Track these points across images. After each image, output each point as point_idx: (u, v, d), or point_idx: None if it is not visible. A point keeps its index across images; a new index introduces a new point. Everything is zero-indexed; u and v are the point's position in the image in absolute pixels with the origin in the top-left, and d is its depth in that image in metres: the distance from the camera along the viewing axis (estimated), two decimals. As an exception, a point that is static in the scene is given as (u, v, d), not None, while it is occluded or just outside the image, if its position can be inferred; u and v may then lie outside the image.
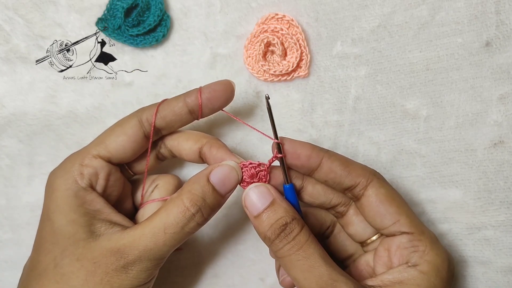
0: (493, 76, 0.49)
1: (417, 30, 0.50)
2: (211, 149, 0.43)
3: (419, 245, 0.40)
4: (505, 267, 0.50)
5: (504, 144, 0.49)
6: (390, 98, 0.50)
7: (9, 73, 0.50)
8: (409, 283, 0.39)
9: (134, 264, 0.38)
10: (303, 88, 0.51)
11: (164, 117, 0.43)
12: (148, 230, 0.39)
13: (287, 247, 0.38)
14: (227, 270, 0.52)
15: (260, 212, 0.39)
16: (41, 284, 0.39)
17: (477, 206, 0.50)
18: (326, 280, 0.37)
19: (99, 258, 0.39)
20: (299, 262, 0.38)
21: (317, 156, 0.41)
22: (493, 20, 0.49)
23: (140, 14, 0.49)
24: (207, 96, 0.43)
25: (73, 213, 0.40)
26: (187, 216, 0.39)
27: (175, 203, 0.39)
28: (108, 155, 0.42)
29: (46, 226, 0.41)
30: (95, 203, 0.41)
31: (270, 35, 0.49)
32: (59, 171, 0.42)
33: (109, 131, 0.43)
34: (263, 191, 0.40)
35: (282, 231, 0.39)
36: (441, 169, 0.50)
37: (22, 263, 0.52)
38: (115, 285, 0.38)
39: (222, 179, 0.40)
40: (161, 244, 0.39)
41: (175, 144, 0.45)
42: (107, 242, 0.39)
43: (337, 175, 0.41)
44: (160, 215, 0.39)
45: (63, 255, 0.39)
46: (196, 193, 0.39)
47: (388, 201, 0.41)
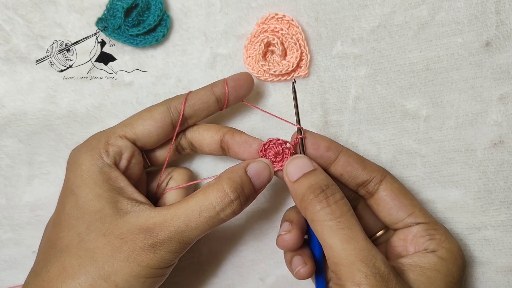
0: (493, 76, 0.49)
1: (417, 30, 0.50)
2: (234, 136, 0.44)
3: (436, 234, 0.42)
4: (505, 267, 0.50)
5: (504, 144, 0.49)
6: (390, 98, 0.50)
7: (9, 73, 0.50)
8: (430, 268, 0.39)
9: (163, 244, 0.38)
10: (303, 88, 0.51)
11: (192, 105, 0.45)
12: (182, 211, 0.39)
13: (327, 211, 0.38)
14: (227, 270, 0.52)
15: (300, 177, 0.40)
16: (62, 261, 0.38)
17: (477, 206, 0.50)
18: (367, 255, 0.36)
19: (126, 235, 0.38)
20: (341, 231, 0.37)
21: (335, 148, 0.43)
22: (493, 20, 0.49)
23: (140, 14, 0.49)
24: (232, 85, 0.45)
25: (98, 188, 0.40)
26: (226, 202, 0.39)
27: (214, 188, 0.39)
28: (133, 137, 0.43)
29: (70, 201, 0.40)
30: (119, 180, 0.41)
31: (270, 35, 0.49)
32: (84, 147, 0.42)
33: (137, 116, 0.44)
34: (305, 161, 0.41)
35: (323, 191, 0.39)
36: (441, 169, 0.50)
37: (22, 262, 0.52)
38: (142, 264, 0.38)
39: (258, 173, 0.41)
40: (193, 227, 0.38)
41: (196, 135, 0.46)
42: (136, 219, 0.39)
43: (353, 169, 0.43)
44: (197, 198, 0.39)
45: (89, 230, 0.39)
46: (235, 180, 0.40)
47: (402, 194, 0.43)
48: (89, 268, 0.37)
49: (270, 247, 0.52)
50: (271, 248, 0.52)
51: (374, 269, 0.36)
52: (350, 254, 0.36)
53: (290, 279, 0.50)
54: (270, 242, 0.52)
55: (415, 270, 0.39)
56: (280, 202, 0.52)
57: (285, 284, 0.52)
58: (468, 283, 0.50)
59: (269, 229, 0.52)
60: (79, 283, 0.37)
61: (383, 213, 0.43)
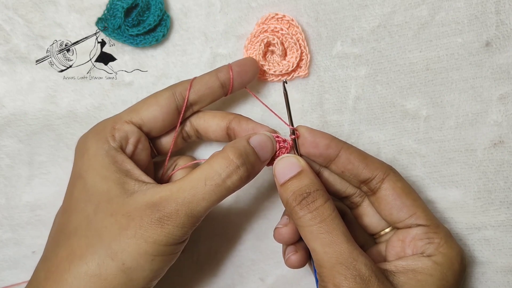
0: (493, 76, 0.49)
1: (417, 30, 0.50)
2: (241, 122, 0.44)
3: (435, 238, 0.41)
4: (505, 267, 0.50)
5: (504, 144, 0.49)
6: (390, 98, 0.50)
7: (9, 73, 0.50)
8: (423, 272, 0.39)
9: (170, 217, 0.37)
10: (303, 88, 0.51)
11: (197, 91, 0.45)
12: (187, 183, 0.38)
13: (309, 217, 0.38)
14: (227, 270, 0.52)
15: (286, 180, 0.40)
16: (70, 243, 0.38)
17: (477, 206, 0.50)
18: (347, 258, 0.37)
19: (133, 212, 0.38)
20: (321, 235, 0.38)
21: (335, 146, 0.42)
22: (493, 20, 0.49)
23: (140, 14, 0.49)
24: (237, 70, 0.46)
25: (105, 170, 0.40)
26: (232, 168, 0.39)
27: (219, 156, 0.39)
28: (139, 122, 0.43)
29: (78, 185, 0.41)
30: (126, 163, 0.41)
31: (270, 35, 0.49)
32: (91, 133, 0.43)
33: (143, 101, 0.44)
34: (293, 162, 0.41)
35: (304, 198, 0.39)
36: (441, 169, 0.50)
37: (22, 262, 0.52)
38: (149, 240, 0.37)
39: (261, 143, 0.41)
40: (200, 198, 0.38)
41: (202, 122, 0.46)
42: (143, 197, 0.38)
43: (354, 167, 0.42)
44: (202, 168, 0.39)
45: (97, 211, 0.38)
46: (240, 148, 0.40)
47: (405, 194, 0.42)
48: (96, 247, 0.37)
49: (270, 247, 0.52)
50: (271, 248, 0.52)
51: (354, 271, 0.36)
52: (331, 257, 0.37)
53: (290, 279, 0.50)
54: (270, 242, 0.52)
55: (407, 273, 0.39)
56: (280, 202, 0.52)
57: (285, 284, 0.52)
58: (468, 283, 0.50)
59: (269, 229, 0.52)
60: (86, 263, 0.37)
61: (384, 212, 0.43)
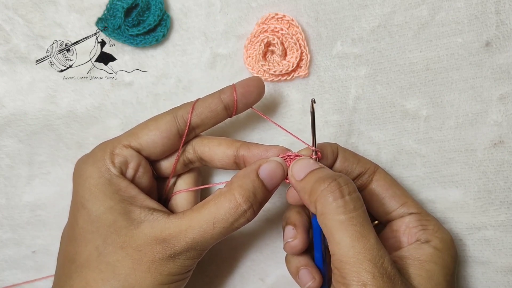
0: (493, 76, 0.49)
1: (417, 30, 0.50)
2: (251, 149, 0.43)
3: (428, 224, 0.42)
4: (505, 267, 0.50)
5: (504, 144, 0.49)
6: (390, 98, 0.50)
7: (9, 73, 0.50)
8: (427, 260, 0.39)
9: (181, 253, 0.39)
10: (303, 88, 0.51)
11: (199, 114, 0.43)
12: (196, 222, 0.38)
13: (340, 203, 0.36)
14: (227, 270, 0.52)
15: (306, 174, 0.39)
16: (83, 276, 0.38)
17: (477, 206, 0.50)
18: (375, 255, 0.34)
19: (144, 246, 0.38)
20: (353, 227, 0.35)
21: (336, 149, 0.44)
22: (493, 20, 0.49)
23: (140, 14, 0.49)
24: (241, 92, 0.43)
25: (109, 200, 0.40)
26: (239, 212, 0.38)
27: (227, 198, 0.39)
28: (138, 147, 0.42)
29: (82, 216, 0.40)
30: (129, 189, 0.41)
31: (270, 35, 0.49)
32: (90, 159, 0.42)
33: (143, 125, 0.43)
34: (311, 161, 0.40)
35: (335, 180, 0.37)
36: (441, 169, 0.50)
37: (22, 262, 0.52)
38: (163, 273, 0.38)
39: (270, 174, 0.40)
40: (208, 237, 0.39)
41: (206, 150, 0.44)
42: (151, 230, 0.39)
43: (350, 163, 0.43)
44: (210, 209, 0.39)
45: (106, 244, 0.39)
46: (247, 188, 0.39)
47: (395, 185, 0.44)
48: (112, 281, 0.38)
49: (270, 247, 0.52)
50: (271, 248, 0.52)
51: (382, 269, 0.34)
52: (358, 252, 0.34)
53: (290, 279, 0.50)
54: (270, 242, 0.52)
55: (413, 264, 0.39)
56: (280, 202, 0.52)
57: (285, 284, 0.52)
58: (468, 283, 0.50)
59: (269, 229, 0.52)
60: None
61: (376, 203, 0.44)
